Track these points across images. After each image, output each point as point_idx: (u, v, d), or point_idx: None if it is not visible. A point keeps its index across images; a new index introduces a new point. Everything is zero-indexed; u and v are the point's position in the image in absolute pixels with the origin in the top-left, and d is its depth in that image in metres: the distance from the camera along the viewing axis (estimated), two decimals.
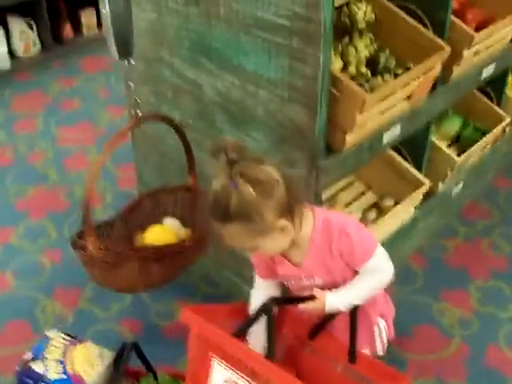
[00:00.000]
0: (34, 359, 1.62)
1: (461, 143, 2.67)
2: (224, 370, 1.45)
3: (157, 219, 2.02)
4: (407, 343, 2.14)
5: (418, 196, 2.31)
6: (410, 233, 2.41)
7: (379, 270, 1.53)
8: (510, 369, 2.06)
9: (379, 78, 1.93)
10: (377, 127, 1.90)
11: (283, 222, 1.40)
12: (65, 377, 1.59)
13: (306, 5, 1.53)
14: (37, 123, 3.43)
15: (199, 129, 2.04)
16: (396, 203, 2.32)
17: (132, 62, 1.73)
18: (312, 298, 1.52)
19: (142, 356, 1.74)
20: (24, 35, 3.95)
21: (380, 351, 1.72)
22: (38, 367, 1.59)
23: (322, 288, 1.54)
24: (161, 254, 1.82)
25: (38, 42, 4.04)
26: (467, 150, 2.52)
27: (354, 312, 1.57)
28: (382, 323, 1.70)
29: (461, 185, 2.61)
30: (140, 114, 1.80)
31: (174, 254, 1.86)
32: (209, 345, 1.46)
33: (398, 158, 2.30)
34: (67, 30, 4.14)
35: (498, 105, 2.72)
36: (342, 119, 1.75)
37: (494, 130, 2.60)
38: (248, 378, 1.41)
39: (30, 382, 1.58)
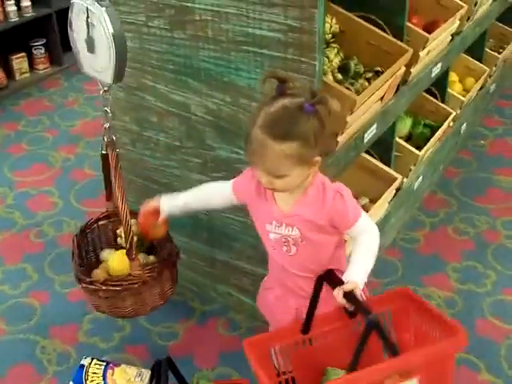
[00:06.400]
0: None
1: (413, 141, 2.88)
2: None
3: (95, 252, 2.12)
4: None
5: (391, 191, 2.47)
6: (385, 228, 2.57)
7: (368, 230, 1.64)
8: (500, 335, 2.25)
9: (355, 82, 2.08)
10: (360, 128, 2.05)
11: (319, 159, 1.51)
12: None
13: (301, 18, 1.66)
14: None
15: (188, 148, 2.12)
16: (370, 201, 2.47)
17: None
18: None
19: (175, 371, 1.78)
20: None
21: None
22: None
23: (293, 244, 1.61)
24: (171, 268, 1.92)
25: None
26: (421, 145, 2.73)
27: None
28: (363, 295, 1.78)
29: (420, 178, 2.80)
30: (114, 138, 1.84)
31: (173, 268, 1.95)
32: None
33: (371, 159, 2.46)
34: (0, 77, 4.09)
35: (443, 102, 2.96)
36: (334, 122, 1.88)
37: (444, 125, 2.83)
38: None
39: None
